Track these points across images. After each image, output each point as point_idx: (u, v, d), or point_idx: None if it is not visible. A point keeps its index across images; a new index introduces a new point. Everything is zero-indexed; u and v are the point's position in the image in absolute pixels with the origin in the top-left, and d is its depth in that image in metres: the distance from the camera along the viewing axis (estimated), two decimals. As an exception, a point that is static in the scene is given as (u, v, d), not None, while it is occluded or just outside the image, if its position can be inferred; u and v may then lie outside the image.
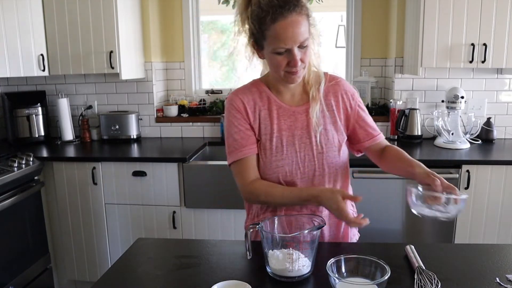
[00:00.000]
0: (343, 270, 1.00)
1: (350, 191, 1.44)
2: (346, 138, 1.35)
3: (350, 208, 1.40)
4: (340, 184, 1.36)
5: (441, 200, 1.08)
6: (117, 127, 3.00)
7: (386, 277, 0.92)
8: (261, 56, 1.28)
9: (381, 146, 1.39)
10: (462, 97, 2.65)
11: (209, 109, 3.17)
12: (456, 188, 1.10)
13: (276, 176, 1.30)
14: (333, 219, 1.35)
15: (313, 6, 2.92)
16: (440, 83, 2.86)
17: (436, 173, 1.14)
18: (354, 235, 1.43)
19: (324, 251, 1.23)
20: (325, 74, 1.36)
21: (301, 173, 1.30)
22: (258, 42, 1.23)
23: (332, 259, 0.99)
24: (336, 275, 0.96)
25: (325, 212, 1.31)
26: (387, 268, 0.95)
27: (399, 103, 2.85)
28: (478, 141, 2.75)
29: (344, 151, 1.35)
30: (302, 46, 1.18)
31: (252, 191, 1.30)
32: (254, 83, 1.37)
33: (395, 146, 1.38)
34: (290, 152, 1.29)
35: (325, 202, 1.18)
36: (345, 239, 1.39)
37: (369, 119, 1.38)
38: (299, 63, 1.19)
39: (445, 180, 1.12)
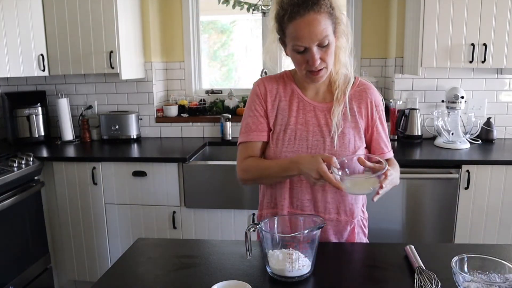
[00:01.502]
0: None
1: (361, 199, 1.40)
2: (364, 145, 1.33)
3: (360, 214, 1.39)
4: None
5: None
6: (117, 127, 3.00)
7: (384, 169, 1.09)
8: (286, 53, 1.28)
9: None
10: (462, 97, 2.65)
11: (209, 109, 3.17)
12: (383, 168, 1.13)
13: None
14: (338, 226, 1.33)
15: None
16: (440, 83, 2.86)
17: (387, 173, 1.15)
18: (358, 234, 1.39)
19: (325, 252, 1.23)
20: (356, 78, 1.35)
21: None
22: (282, 40, 1.24)
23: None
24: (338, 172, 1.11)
25: (329, 216, 1.30)
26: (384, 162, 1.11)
27: (399, 103, 2.85)
28: (478, 141, 2.75)
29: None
30: (322, 45, 1.17)
31: (244, 167, 1.32)
32: (283, 74, 1.38)
33: (393, 161, 1.36)
34: (301, 147, 1.29)
35: (305, 166, 1.16)
36: (350, 240, 1.37)
37: (384, 134, 1.35)
38: (318, 61, 1.18)
39: (386, 178, 1.15)
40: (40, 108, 3.03)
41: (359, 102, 1.32)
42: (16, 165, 2.35)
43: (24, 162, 2.41)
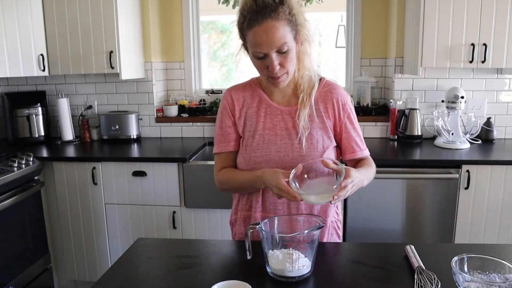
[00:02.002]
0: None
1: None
2: (334, 144, 1.35)
3: (334, 216, 1.42)
4: None
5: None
6: (117, 127, 3.00)
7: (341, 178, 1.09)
8: (250, 59, 1.29)
9: (360, 159, 1.38)
10: (462, 97, 2.65)
11: (209, 109, 3.17)
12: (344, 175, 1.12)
13: None
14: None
15: (313, 6, 2.92)
16: (440, 83, 2.86)
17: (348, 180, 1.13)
18: (331, 235, 1.42)
19: (325, 252, 1.23)
20: (322, 79, 1.36)
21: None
22: (245, 46, 1.26)
23: None
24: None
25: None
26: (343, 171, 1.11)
27: (399, 103, 2.85)
28: (478, 141, 2.75)
29: (328, 157, 1.32)
30: (281, 51, 1.18)
31: (219, 179, 1.39)
32: (250, 81, 1.41)
33: (369, 160, 1.37)
34: (270, 151, 1.32)
35: (268, 180, 1.20)
36: (321, 239, 1.37)
37: (354, 133, 1.36)
38: (277, 68, 1.20)
39: (344, 189, 1.12)
40: (40, 108, 3.03)
41: (325, 103, 1.33)
42: (16, 165, 2.35)
43: (24, 162, 2.41)
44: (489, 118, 2.80)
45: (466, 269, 0.99)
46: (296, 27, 1.21)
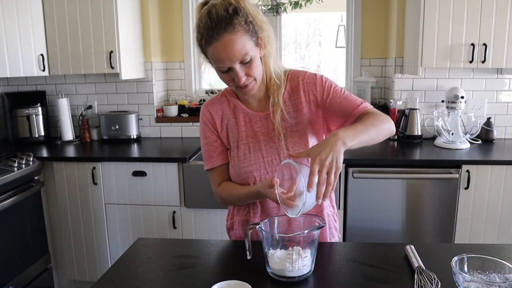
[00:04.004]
0: None
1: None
2: (321, 133, 1.33)
3: (330, 210, 1.42)
4: None
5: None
6: (117, 127, 3.00)
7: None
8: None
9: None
10: (462, 97, 2.65)
11: (209, 109, 3.17)
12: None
13: (246, 182, 1.32)
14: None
15: (313, 6, 2.92)
16: (440, 83, 2.86)
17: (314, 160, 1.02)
18: (333, 237, 1.42)
19: (325, 252, 1.23)
20: (289, 73, 1.33)
21: (269, 177, 1.30)
22: (207, 60, 1.23)
23: None
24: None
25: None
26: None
27: (399, 103, 2.85)
28: (478, 141, 2.75)
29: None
30: (244, 62, 1.16)
31: (219, 196, 1.39)
32: (224, 92, 1.40)
33: (372, 113, 1.23)
34: (257, 158, 1.31)
35: (263, 193, 1.19)
36: (324, 239, 1.38)
37: (342, 97, 1.26)
38: (243, 78, 1.18)
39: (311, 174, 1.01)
40: (40, 108, 3.03)
41: (297, 92, 1.31)
42: (16, 165, 2.35)
43: (24, 162, 2.41)
44: (489, 118, 2.80)
45: (466, 269, 0.99)
46: (256, 33, 1.17)
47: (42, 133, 3.04)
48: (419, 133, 2.80)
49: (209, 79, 3.43)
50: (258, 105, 1.35)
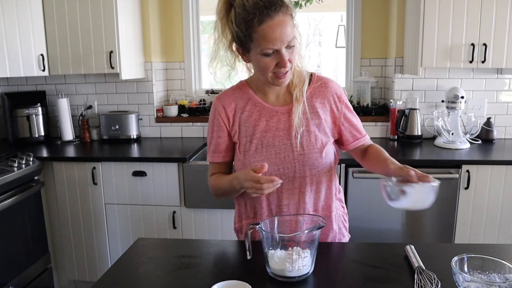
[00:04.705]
0: None
1: (335, 191, 1.40)
2: (332, 140, 1.34)
3: (340, 209, 1.42)
4: (324, 185, 1.34)
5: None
6: (117, 127, 3.00)
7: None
8: (246, 60, 1.27)
9: (364, 147, 1.39)
10: (462, 97, 2.65)
11: (209, 109, 3.15)
12: (429, 175, 1.10)
13: None
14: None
15: (313, 6, 2.92)
16: (440, 83, 2.86)
17: (409, 166, 1.14)
18: (344, 236, 1.43)
19: (325, 252, 1.23)
20: (312, 74, 1.35)
21: (281, 174, 1.29)
22: (244, 45, 1.21)
23: None
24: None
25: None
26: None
27: (399, 103, 2.85)
28: (478, 141, 2.75)
29: (328, 153, 1.32)
30: (289, 46, 1.17)
31: (210, 185, 1.42)
32: (239, 85, 1.38)
33: (376, 145, 1.37)
34: (270, 153, 1.29)
35: (241, 178, 1.19)
36: (333, 240, 1.39)
37: (355, 120, 1.37)
38: (288, 63, 1.18)
39: (418, 171, 1.12)
40: (40, 108, 3.03)
41: (321, 98, 1.32)
42: (16, 165, 2.35)
43: (24, 162, 2.41)
44: (489, 118, 2.80)
45: (466, 269, 0.99)
46: (294, 22, 1.20)
47: (42, 133, 3.04)
48: (419, 133, 2.80)
49: (209, 79, 3.44)
50: (276, 99, 1.33)
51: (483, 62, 2.45)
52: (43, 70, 2.76)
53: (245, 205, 1.40)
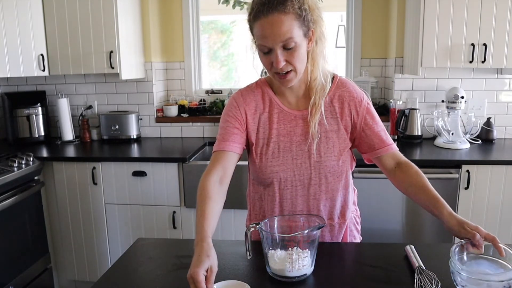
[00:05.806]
0: None
1: (352, 200, 1.38)
2: (349, 145, 1.29)
3: (353, 211, 1.40)
4: (340, 193, 1.31)
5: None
6: (117, 127, 3.00)
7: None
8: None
9: (394, 160, 1.30)
10: (462, 97, 2.65)
11: (209, 109, 3.17)
12: (495, 237, 1.04)
13: (270, 181, 1.28)
14: (333, 231, 1.34)
15: (313, 6, 2.92)
16: (440, 83, 2.86)
17: (469, 222, 1.08)
18: (355, 238, 1.41)
19: (325, 252, 1.23)
20: (335, 77, 1.30)
21: (296, 180, 1.27)
22: (254, 40, 1.20)
23: None
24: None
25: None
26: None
27: (399, 103, 2.85)
28: (478, 141, 2.75)
29: (345, 161, 1.29)
30: (287, 47, 1.12)
31: (200, 186, 1.23)
32: (258, 83, 1.33)
33: (413, 166, 1.27)
34: (286, 158, 1.26)
35: (195, 250, 1.04)
36: (342, 238, 1.38)
37: (378, 127, 1.28)
38: (282, 63, 1.13)
39: (482, 228, 1.06)
40: (40, 108, 3.02)
41: (340, 103, 1.27)
42: (16, 165, 2.35)
43: (24, 162, 2.41)
44: (489, 118, 2.80)
45: (465, 258, 0.99)
46: (309, 23, 1.14)
47: (42, 133, 3.04)
48: (419, 133, 2.80)
49: (209, 79, 3.44)
50: (295, 102, 1.29)
51: (483, 62, 2.45)
52: (43, 70, 2.76)
53: (256, 207, 1.37)
